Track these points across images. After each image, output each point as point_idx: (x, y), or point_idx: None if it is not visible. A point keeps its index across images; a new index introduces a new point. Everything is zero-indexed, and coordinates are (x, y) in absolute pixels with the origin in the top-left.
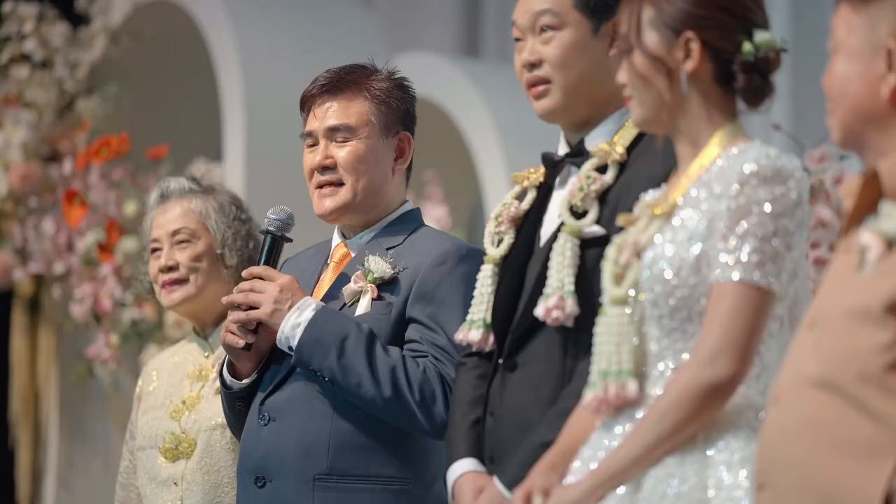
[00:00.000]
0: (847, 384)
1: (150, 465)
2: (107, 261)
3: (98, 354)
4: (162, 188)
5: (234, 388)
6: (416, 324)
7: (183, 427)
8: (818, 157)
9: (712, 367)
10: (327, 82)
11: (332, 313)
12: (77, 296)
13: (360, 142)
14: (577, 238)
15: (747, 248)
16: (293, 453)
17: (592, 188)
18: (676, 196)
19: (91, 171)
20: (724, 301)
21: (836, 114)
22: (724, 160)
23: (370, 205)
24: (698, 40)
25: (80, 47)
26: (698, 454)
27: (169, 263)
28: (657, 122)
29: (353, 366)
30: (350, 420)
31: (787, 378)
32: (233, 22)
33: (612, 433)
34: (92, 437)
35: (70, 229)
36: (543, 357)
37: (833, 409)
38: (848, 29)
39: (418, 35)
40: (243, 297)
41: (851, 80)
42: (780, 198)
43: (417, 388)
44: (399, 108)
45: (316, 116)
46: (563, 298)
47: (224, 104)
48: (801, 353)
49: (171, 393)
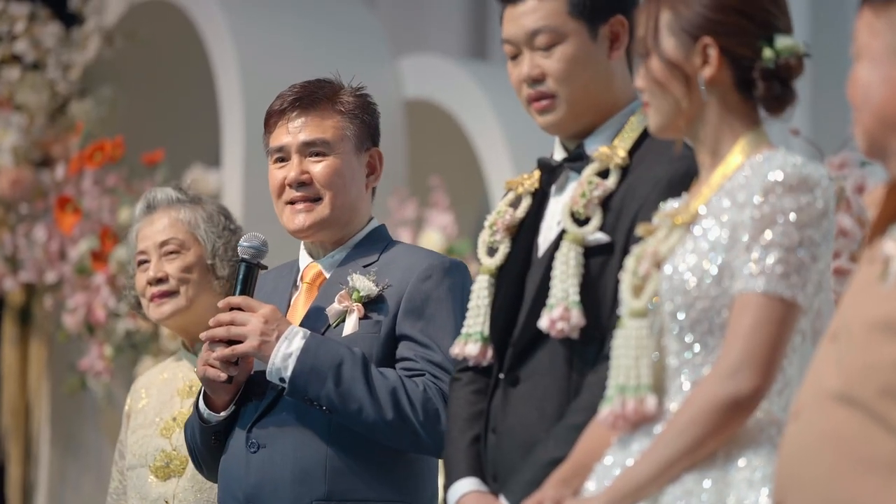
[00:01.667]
0: (869, 399)
1: (141, 483)
2: (100, 270)
3: (91, 367)
4: (148, 199)
5: (213, 421)
6: (408, 341)
7: (174, 445)
8: (838, 163)
9: (734, 380)
10: (298, 97)
11: (322, 340)
12: (69, 306)
13: (337, 157)
14: (581, 246)
15: (772, 259)
16: (288, 480)
17: (595, 194)
18: (697, 205)
19: (84, 176)
20: (747, 313)
21: (860, 122)
22: (749, 169)
23: (345, 221)
24: (716, 46)
25: (73, 48)
26: (718, 471)
27: (158, 275)
28: (674, 129)
29: (352, 392)
30: (345, 442)
31: (807, 392)
32: (231, 22)
33: (629, 449)
34: (84, 452)
35: (62, 237)
36: (547, 371)
37: (854, 424)
38: (871, 33)
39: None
40: (225, 331)
41: (875, 86)
42: (806, 207)
43: (420, 408)
44: (370, 124)
45: (288, 131)
46: (569, 309)
47: (222, 107)
48: (823, 367)
49: (160, 410)
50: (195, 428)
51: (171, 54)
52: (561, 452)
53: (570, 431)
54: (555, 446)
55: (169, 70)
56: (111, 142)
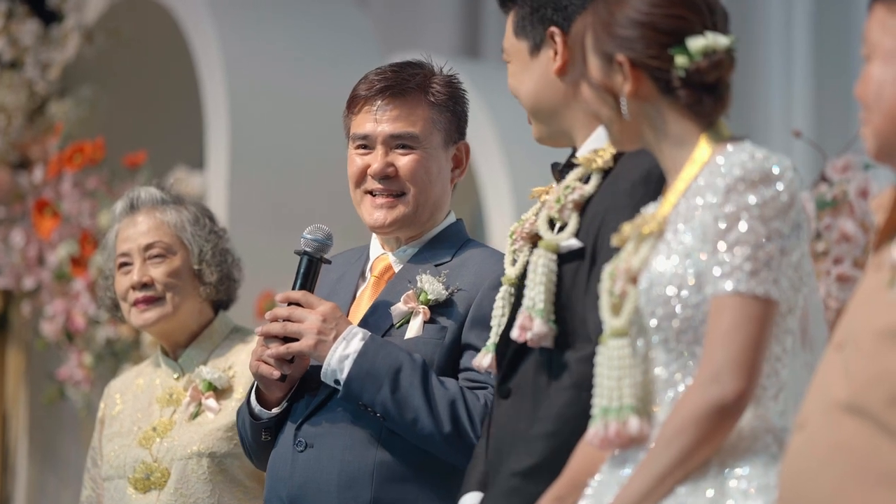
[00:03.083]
0: (878, 409)
1: (119, 496)
2: (80, 275)
3: (70, 376)
4: (130, 198)
5: (263, 417)
6: (473, 351)
7: (154, 455)
8: (842, 166)
9: (716, 386)
10: (387, 84)
11: (381, 343)
12: (48, 313)
13: (425, 151)
14: (554, 252)
15: (739, 258)
16: (334, 483)
17: (570, 198)
18: (665, 212)
19: (63, 179)
20: (722, 315)
21: (871, 122)
22: (711, 168)
23: (426, 218)
24: (628, 62)
25: (52, 46)
26: (712, 482)
27: (143, 280)
28: (626, 145)
29: (408, 400)
30: (395, 448)
31: (813, 402)
32: (216, 19)
33: (624, 465)
34: (64, 464)
35: (41, 242)
36: (531, 382)
37: (862, 435)
38: (883, 31)
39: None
40: (281, 327)
41: (888, 85)
42: (771, 201)
43: (479, 423)
44: (460, 115)
45: (375, 120)
46: (531, 318)
47: (206, 108)
48: (829, 376)
49: (138, 418)
50: (246, 421)
51: (153, 53)
52: (524, 463)
53: (534, 441)
54: (518, 457)
55: (151, 69)
56: (91, 143)
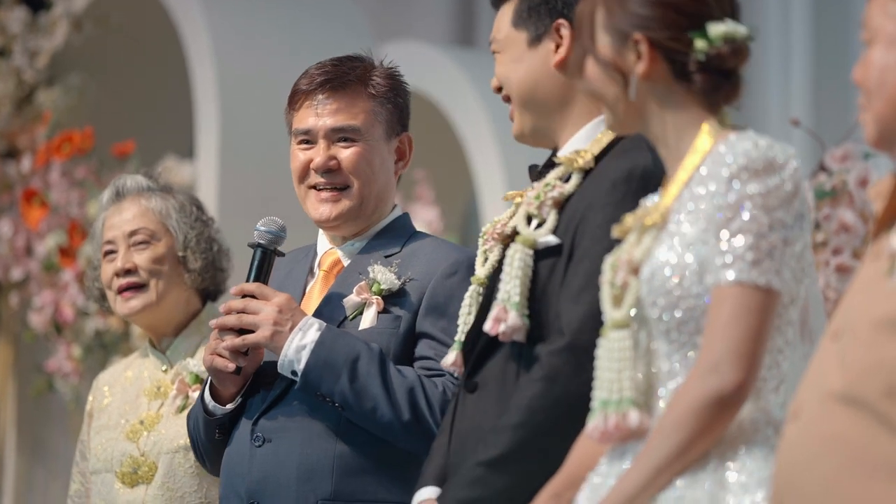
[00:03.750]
0: (873, 399)
1: (107, 490)
2: (68, 266)
3: (59, 368)
4: (116, 186)
5: (218, 413)
6: (428, 339)
7: (142, 449)
8: (841, 155)
9: (715, 376)
10: (327, 78)
11: (338, 333)
12: (36, 304)
13: (367, 144)
14: (531, 248)
15: (742, 247)
16: (294, 477)
17: (550, 195)
18: (667, 203)
19: (52, 168)
20: (723, 305)
21: (871, 108)
22: (713, 157)
23: (371, 211)
24: (646, 42)
25: (40, 34)
26: (711, 475)
27: (126, 266)
28: (627, 128)
29: (367, 389)
30: (354, 440)
31: (808, 392)
32: (206, 7)
33: (622, 459)
34: (52, 457)
35: (29, 232)
36: (499, 376)
37: (858, 426)
38: (884, 15)
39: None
40: (237, 319)
41: (891, 70)
42: (774, 190)
43: (439, 410)
44: (402, 107)
45: (316, 114)
46: (507, 310)
47: (196, 96)
48: (824, 366)
49: (126, 411)
50: (199, 419)
51: (142, 40)
52: (490, 454)
53: (501, 432)
54: (484, 447)
55: (141, 57)
56: (80, 132)
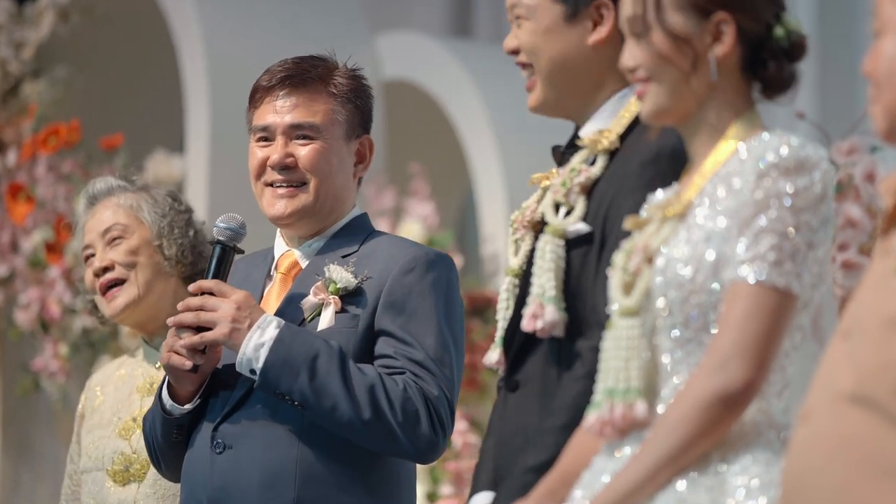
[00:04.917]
0: (885, 399)
1: (97, 489)
2: (55, 262)
3: (45, 367)
4: (88, 192)
5: (176, 413)
6: (387, 337)
7: (134, 447)
8: (847, 149)
9: (723, 373)
10: (288, 74)
11: (297, 331)
12: (22, 301)
13: (325, 142)
14: (562, 238)
15: (764, 246)
16: (256, 485)
17: (576, 181)
18: (690, 195)
19: (38, 162)
20: (738, 303)
21: (881, 99)
22: (743, 152)
23: (327, 210)
24: (733, 22)
25: (25, 25)
26: (712, 477)
27: (103, 264)
28: (675, 112)
29: (326, 387)
30: (317, 445)
31: (818, 393)
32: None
33: (619, 455)
34: (39, 458)
35: (14, 227)
36: (540, 374)
37: (869, 427)
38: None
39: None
40: (194, 317)
41: None
42: (803, 191)
43: (399, 408)
44: (363, 109)
45: (275, 110)
46: (543, 305)
47: (186, 89)
48: (834, 366)
49: (118, 409)
50: (156, 419)
51: (131, 32)
52: (539, 458)
53: (548, 434)
54: (533, 452)
55: (129, 49)
56: (67, 125)
